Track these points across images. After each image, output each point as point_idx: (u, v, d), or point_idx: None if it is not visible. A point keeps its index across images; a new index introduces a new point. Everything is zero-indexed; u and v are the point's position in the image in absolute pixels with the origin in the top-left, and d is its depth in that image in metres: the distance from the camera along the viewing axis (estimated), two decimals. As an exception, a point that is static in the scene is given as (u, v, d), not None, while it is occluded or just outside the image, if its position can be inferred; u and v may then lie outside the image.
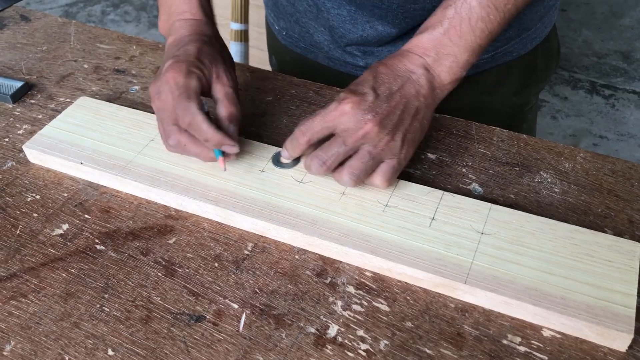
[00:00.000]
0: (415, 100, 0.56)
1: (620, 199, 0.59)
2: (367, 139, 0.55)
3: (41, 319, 0.52)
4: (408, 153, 0.57)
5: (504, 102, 0.81)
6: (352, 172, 0.56)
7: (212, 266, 0.55)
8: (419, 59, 0.57)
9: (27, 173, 0.66)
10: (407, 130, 0.56)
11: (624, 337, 0.46)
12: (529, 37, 0.77)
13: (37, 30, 0.89)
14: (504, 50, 0.76)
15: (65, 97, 0.76)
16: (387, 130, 0.55)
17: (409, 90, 0.56)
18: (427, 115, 0.58)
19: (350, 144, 0.55)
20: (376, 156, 0.56)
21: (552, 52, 0.84)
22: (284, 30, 0.84)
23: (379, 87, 0.56)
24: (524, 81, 0.81)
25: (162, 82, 0.59)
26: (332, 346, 0.49)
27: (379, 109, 0.54)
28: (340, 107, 0.55)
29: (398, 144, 0.56)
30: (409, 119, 0.56)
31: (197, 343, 0.50)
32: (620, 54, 2.40)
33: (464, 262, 0.52)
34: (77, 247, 0.58)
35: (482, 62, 0.76)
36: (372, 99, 0.55)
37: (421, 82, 0.57)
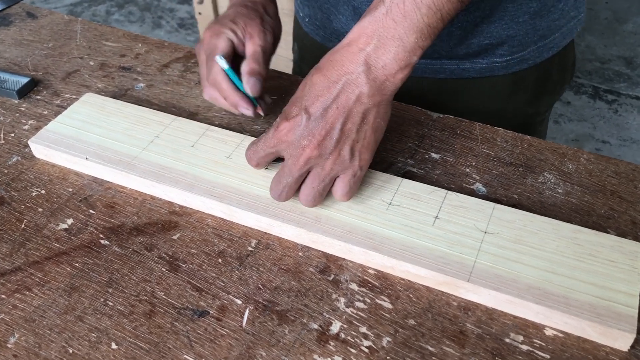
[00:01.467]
0: (358, 105, 0.52)
1: (624, 200, 0.59)
2: (311, 164, 0.54)
3: (45, 312, 0.52)
4: (363, 160, 0.54)
5: (515, 111, 0.81)
6: (306, 199, 0.55)
7: (215, 262, 0.56)
8: (359, 52, 0.52)
9: (32, 168, 0.66)
10: (356, 140, 0.53)
11: (626, 336, 0.47)
12: (545, 45, 0.76)
13: (43, 27, 0.90)
14: (520, 57, 0.76)
15: (71, 94, 0.76)
16: (329, 149, 0.52)
17: (348, 97, 0.52)
18: (380, 113, 0.54)
19: (296, 173, 0.54)
20: (326, 177, 0.54)
21: (567, 65, 0.83)
22: (307, 17, 0.85)
23: (311, 105, 0.52)
24: (537, 91, 0.80)
25: (200, 43, 0.67)
26: (335, 342, 0.49)
27: (314, 131, 0.52)
28: (277, 135, 0.54)
29: (347, 157, 0.53)
30: (354, 128, 0.53)
31: (200, 338, 0.50)
32: (624, 60, 2.40)
33: (467, 261, 0.52)
34: (82, 242, 0.58)
35: (497, 66, 0.76)
36: (304, 121, 0.52)
37: (360, 82, 0.52)
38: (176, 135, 0.65)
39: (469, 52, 0.75)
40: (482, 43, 0.73)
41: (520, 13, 0.72)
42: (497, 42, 0.74)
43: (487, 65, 0.76)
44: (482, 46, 0.74)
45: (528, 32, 0.74)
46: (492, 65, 0.76)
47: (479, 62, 0.76)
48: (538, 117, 0.85)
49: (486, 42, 0.73)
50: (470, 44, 0.74)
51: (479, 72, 0.76)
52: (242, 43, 0.66)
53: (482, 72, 0.76)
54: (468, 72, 0.77)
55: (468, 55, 0.75)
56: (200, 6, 2.04)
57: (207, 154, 0.63)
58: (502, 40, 0.73)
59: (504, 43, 0.74)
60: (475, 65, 0.76)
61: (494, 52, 0.75)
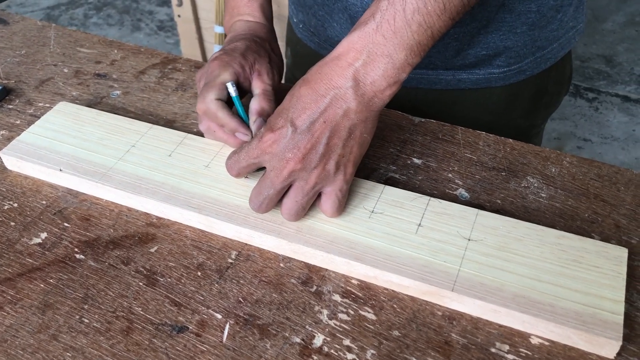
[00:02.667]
0: (345, 120, 0.51)
1: (607, 203, 0.59)
2: (293, 177, 0.53)
3: (18, 331, 0.50)
4: (347, 174, 0.54)
5: (510, 124, 0.80)
6: (289, 212, 0.54)
7: (194, 275, 0.54)
8: (348, 67, 0.51)
9: (4, 180, 0.64)
10: (341, 155, 0.52)
11: (612, 344, 0.46)
12: (543, 57, 0.75)
13: (15, 33, 0.87)
14: (517, 68, 0.75)
15: (45, 102, 0.74)
16: (314, 163, 0.52)
17: (335, 112, 0.51)
18: (367, 129, 0.53)
19: (278, 185, 0.53)
20: (310, 191, 0.53)
21: (564, 78, 0.82)
22: (301, 23, 0.84)
23: (297, 118, 0.51)
24: (533, 104, 0.79)
25: (203, 71, 0.64)
26: (318, 356, 0.48)
27: (299, 144, 0.51)
28: (261, 146, 0.53)
29: (331, 171, 0.53)
30: (340, 143, 0.52)
31: (179, 354, 0.48)
32: (603, 58, 2.42)
33: (451, 269, 0.51)
34: (56, 257, 0.56)
35: (494, 77, 0.75)
36: (290, 133, 0.51)
37: (348, 98, 0.51)
38: (153, 144, 0.64)
39: (466, 63, 0.73)
40: (479, 54, 0.72)
41: (519, 24, 0.70)
42: (494, 53, 0.72)
43: (483, 77, 0.75)
44: (479, 57, 0.73)
45: (526, 43, 0.72)
46: (489, 77, 0.75)
47: (476, 72, 0.75)
48: (533, 130, 0.84)
49: (483, 52, 0.72)
50: (467, 55, 0.72)
51: (475, 83, 0.75)
52: (248, 79, 0.63)
53: (478, 83, 0.75)
54: (464, 83, 0.76)
55: (464, 66, 0.74)
56: (179, 9, 2.02)
57: (185, 164, 0.61)
58: (500, 51, 0.72)
59: (502, 54, 0.73)
60: (472, 76, 0.75)
61: (491, 63, 0.74)
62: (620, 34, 2.54)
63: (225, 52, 0.64)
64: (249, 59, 0.64)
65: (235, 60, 0.63)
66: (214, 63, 0.63)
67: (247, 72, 0.63)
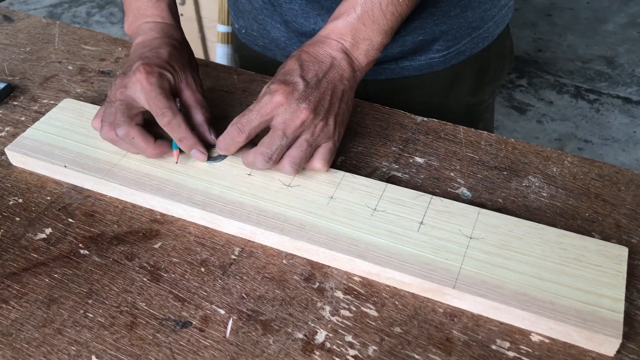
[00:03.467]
0: (340, 83, 0.59)
1: (608, 203, 0.59)
2: (304, 127, 0.57)
3: (23, 325, 0.51)
4: (340, 134, 0.60)
5: (459, 102, 0.83)
6: (293, 162, 0.58)
7: (198, 271, 0.55)
8: (337, 44, 0.59)
9: (9, 176, 0.64)
10: (337, 113, 0.59)
11: (612, 342, 0.46)
12: (479, 36, 0.78)
13: (20, 30, 0.88)
14: (456, 50, 0.77)
15: (49, 99, 0.74)
16: (321, 116, 0.57)
17: (334, 74, 0.59)
18: (352, 97, 0.61)
19: (290, 135, 0.57)
20: (313, 143, 0.58)
21: (505, 52, 0.85)
22: (243, 29, 0.85)
23: (306, 75, 0.58)
24: (477, 81, 0.82)
25: (132, 80, 0.60)
26: (320, 352, 0.48)
27: (310, 97, 0.57)
28: (274, 99, 0.56)
29: (332, 127, 0.59)
30: (337, 102, 0.59)
31: (183, 349, 0.49)
32: (604, 59, 2.42)
33: (452, 267, 0.51)
34: (61, 252, 0.56)
35: (435, 62, 0.77)
36: (302, 87, 0.57)
37: (343, 66, 0.59)
38: (157, 141, 0.64)
39: (405, 50, 0.75)
40: (416, 40, 0.74)
41: (451, 7, 0.73)
42: (431, 38, 0.75)
43: (425, 62, 0.77)
44: (416, 43, 0.75)
45: (461, 25, 0.75)
46: (430, 62, 0.77)
47: (417, 59, 0.77)
48: (482, 105, 0.87)
49: (420, 38, 0.74)
50: (405, 41, 0.74)
51: (418, 70, 0.78)
52: (177, 88, 0.62)
53: (421, 69, 0.77)
54: (407, 70, 0.78)
55: (404, 53, 0.76)
56: (182, 7, 2.02)
57: (188, 160, 0.62)
58: (436, 36, 0.75)
59: (439, 38, 0.75)
60: (414, 62, 0.77)
61: (430, 48, 0.76)
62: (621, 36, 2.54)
63: (150, 60, 0.61)
64: (175, 68, 0.62)
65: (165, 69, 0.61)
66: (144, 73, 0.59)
67: (176, 80, 0.62)
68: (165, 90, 0.60)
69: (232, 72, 0.78)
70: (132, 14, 0.69)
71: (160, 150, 0.60)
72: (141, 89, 0.59)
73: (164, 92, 0.59)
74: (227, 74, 0.78)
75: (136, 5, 0.68)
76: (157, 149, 0.60)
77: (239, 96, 0.74)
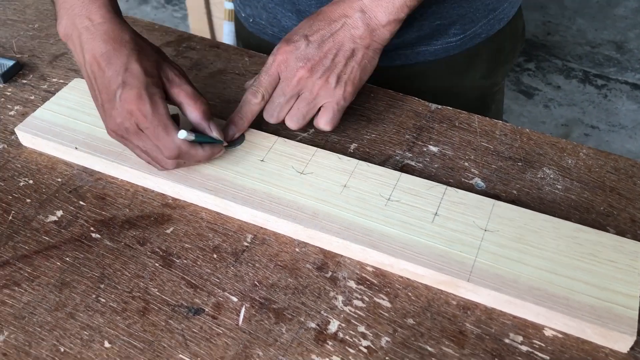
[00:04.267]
0: (350, 42, 0.59)
1: (623, 197, 0.59)
2: (301, 85, 0.59)
3: (35, 308, 0.51)
4: (347, 92, 0.60)
5: (473, 85, 0.82)
6: (292, 119, 0.61)
7: (210, 257, 0.54)
8: (356, 1, 0.59)
9: (19, 156, 0.64)
10: (342, 72, 0.59)
11: (626, 338, 0.46)
12: (495, 17, 0.77)
13: (28, 6, 0.86)
14: (472, 32, 0.76)
15: (59, 78, 0.74)
16: (319, 74, 0.58)
17: (344, 35, 0.59)
18: (368, 56, 0.60)
19: (288, 93, 0.59)
20: (312, 101, 0.59)
21: (518, 33, 0.84)
22: (250, 18, 0.83)
23: (311, 35, 0.59)
24: (492, 63, 0.81)
25: (125, 116, 0.54)
26: (333, 342, 0.48)
27: (310, 56, 0.58)
28: (277, 58, 0.59)
29: (332, 85, 0.59)
30: (343, 61, 0.59)
31: (195, 336, 0.49)
32: (614, 44, 2.40)
33: (467, 260, 0.51)
34: (72, 235, 0.56)
35: (452, 46, 0.76)
36: (303, 46, 0.58)
37: (357, 25, 0.59)
38: (169, 124, 0.63)
39: (421, 35, 0.74)
40: (433, 24, 0.73)
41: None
42: (448, 22, 0.73)
43: (441, 47, 0.76)
44: (433, 27, 0.74)
45: (478, 8, 0.74)
46: (446, 46, 0.76)
47: (433, 44, 0.76)
48: (495, 87, 0.86)
49: (437, 22, 0.73)
50: (422, 26, 0.73)
51: (434, 54, 0.76)
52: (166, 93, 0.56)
53: (437, 53, 0.76)
54: (423, 55, 0.77)
55: (421, 38, 0.75)
56: (188, -17, 1.99)
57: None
58: (454, 20, 0.73)
59: (456, 22, 0.74)
60: (430, 47, 0.76)
61: (446, 32, 0.75)
62: (632, 20, 2.51)
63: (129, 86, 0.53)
64: (154, 75, 0.55)
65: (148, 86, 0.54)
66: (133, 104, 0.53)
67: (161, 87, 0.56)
68: (163, 117, 0.54)
69: (243, 54, 0.77)
70: (66, 14, 0.58)
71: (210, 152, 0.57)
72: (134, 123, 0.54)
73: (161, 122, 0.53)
74: (239, 56, 0.77)
75: (68, 3, 0.58)
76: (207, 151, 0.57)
77: (250, 78, 0.73)
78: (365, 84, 0.71)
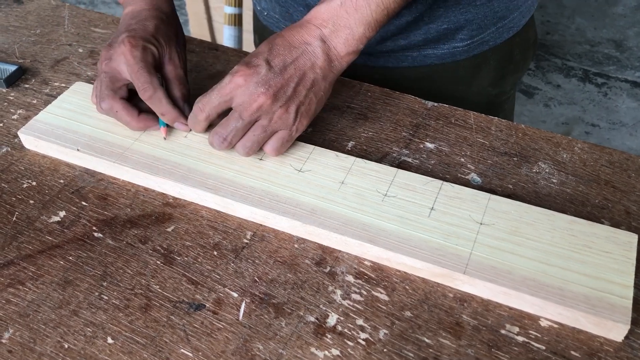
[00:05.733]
0: (311, 72, 0.58)
1: (617, 190, 0.60)
2: (261, 112, 0.57)
3: (39, 306, 0.52)
4: (301, 124, 0.59)
5: (479, 92, 0.82)
6: (245, 145, 0.59)
7: (211, 255, 0.55)
8: (316, 29, 0.58)
9: (22, 159, 0.65)
10: (302, 102, 0.58)
11: (620, 327, 0.47)
12: (504, 26, 0.77)
13: (29, 13, 0.88)
14: (480, 39, 0.76)
15: (60, 82, 0.75)
16: (281, 102, 0.57)
17: (305, 62, 0.57)
18: (324, 87, 0.59)
19: (246, 118, 0.57)
20: (268, 128, 0.58)
21: (528, 43, 0.83)
22: (265, 11, 0.84)
23: (272, 60, 0.57)
24: (500, 72, 0.81)
25: (117, 52, 0.61)
26: (332, 335, 0.49)
27: (272, 82, 0.56)
28: (234, 80, 0.57)
29: (292, 116, 0.58)
30: (304, 91, 0.58)
31: (197, 331, 0.50)
32: (613, 43, 2.40)
33: (463, 253, 0.52)
34: (75, 235, 0.57)
35: (458, 51, 0.76)
36: (264, 71, 0.56)
37: (317, 54, 0.58)
38: (169, 125, 0.65)
39: (429, 39, 0.75)
40: (440, 28, 0.73)
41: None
42: (455, 27, 0.74)
43: (448, 51, 0.76)
44: (440, 32, 0.74)
45: (486, 15, 0.74)
46: (453, 51, 0.76)
47: (440, 47, 0.76)
48: (503, 97, 0.86)
49: (444, 27, 0.73)
50: (429, 30, 0.74)
51: (440, 58, 0.77)
52: (160, 62, 0.64)
53: (443, 57, 0.77)
54: (430, 58, 0.77)
55: (428, 41, 0.75)
56: (188, -12, 2.01)
57: (200, 145, 0.62)
58: (461, 25, 0.74)
59: (463, 27, 0.74)
60: (437, 51, 0.76)
61: (453, 37, 0.75)
62: (631, 18, 2.51)
63: (135, 32, 0.62)
64: (160, 41, 0.63)
65: (148, 41, 0.62)
66: (129, 46, 0.61)
67: (160, 54, 0.63)
68: (148, 64, 0.61)
69: (242, 56, 0.78)
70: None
71: (144, 123, 0.62)
72: (125, 62, 0.61)
73: (146, 66, 0.61)
74: (238, 58, 0.78)
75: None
76: (140, 122, 0.62)
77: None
78: (362, 83, 0.73)
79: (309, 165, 0.60)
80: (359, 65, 0.77)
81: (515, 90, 0.90)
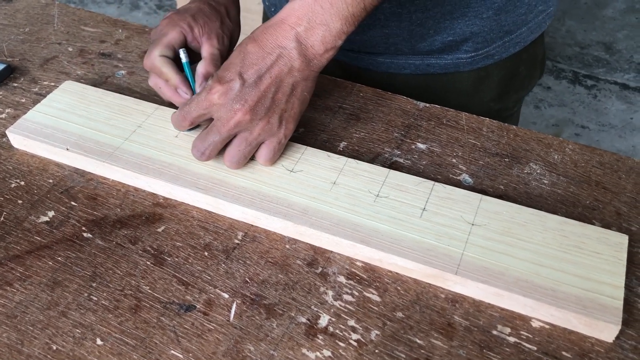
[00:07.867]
0: (289, 77, 0.56)
1: (608, 191, 0.60)
2: (240, 127, 0.56)
3: (27, 307, 0.51)
4: (288, 129, 0.58)
5: (481, 106, 0.80)
6: (231, 160, 0.58)
7: (201, 255, 0.55)
8: (290, 30, 0.55)
9: (10, 158, 0.64)
10: (284, 110, 0.57)
11: (611, 328, 0.47)
12: (511, 41, 0.75)
13: (18, 11, 0.87)
14: (485, 52, 0.75)
15: (50, 81, 0.74)
16: (260, 115, 0.56)
17: (281, 68, 0.56)
18: (307, 87, 0.58)
19: (224, 133, 0.56)
20: (253, 141, 0.57)
21: (536, 60, 0.82)
22: (272, 7, 0.84)
23: (246, 72, 0.55)
24: (503, 87, 0.80)
25: (154, 30, 0.66)
26: (324, 336, 0.49)
27: (247, 97, 0.55)
28: (209, 98, 0.56)
29: (275, 125, 0.57)
30: (284, 98, 0.56)
31: (187, 333, 0.49)
32: (603, 45, 2.42)
33: (454, 253, 0.52)
34: (64, 235, 0.57)
35: (462, 62, 0.75)
36: (238, 86, 0.55)
37: (293, 57, 0.56)
38: (159, 125, 0.64)
39: (433, 49, 0.74)
40: (445, 40, 0.73)
41: (484, 9, 0.70)
42: (460, 39, 0.73)
43: (452, 62, 0.75)
44: (445, 43, 0.73)
45: (493, 28, 0.73)
46: (457, 62, 0.75)
47: (444, 58, 0.75)
48: (505, 113, 0.85)
49: (449, 38, 0.72)
50: (434, 41, 0.73)
51: (443, 68, 0.76)
52: (197, 41, 0.65)
53: (447, 67, 0.76)
54: (433, 68, 0.76)
55: (432, 51, 0.74)
56: (179, -12, 2.00)
57: (191, 145, 0.62)
58: (466, 37, 0.73)
59: (468, 39, 0.73)
60: (440, 61, 0.75)
61: (458, 48, 0.74)
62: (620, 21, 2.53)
63: (177, 12, 0.66)
64: (199, 21, 0.65)
65: (184, 20, 0.65)
66: (163, 22, 0.66)
67: (197, 33, 0.65)
68: (164, 38, 0.63)
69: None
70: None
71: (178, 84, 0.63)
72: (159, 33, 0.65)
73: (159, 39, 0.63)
74: (229, 58, 0.77)
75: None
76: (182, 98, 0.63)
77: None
78: (354, 83, 0.72)
79: (300, 165, 0.60)
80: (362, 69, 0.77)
81: (520, 108, 0.89)
